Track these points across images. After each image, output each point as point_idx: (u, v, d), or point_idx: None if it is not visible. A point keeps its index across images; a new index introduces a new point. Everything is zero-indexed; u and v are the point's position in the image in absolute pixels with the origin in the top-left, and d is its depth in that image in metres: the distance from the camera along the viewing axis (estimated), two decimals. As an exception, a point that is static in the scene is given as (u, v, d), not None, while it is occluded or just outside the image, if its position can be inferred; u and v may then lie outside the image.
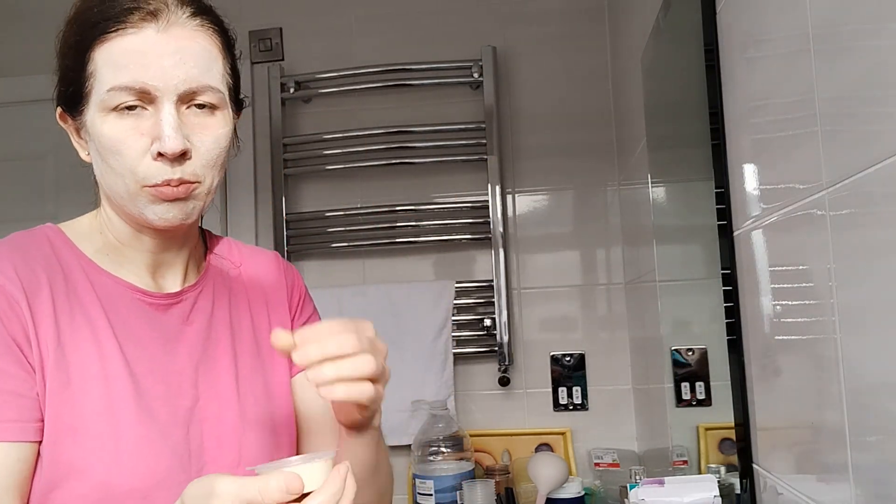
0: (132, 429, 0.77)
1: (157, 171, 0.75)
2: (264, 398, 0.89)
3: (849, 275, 0.66)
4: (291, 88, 2.14)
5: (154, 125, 0.75)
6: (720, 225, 1.02)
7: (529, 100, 2.13)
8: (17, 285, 0.76)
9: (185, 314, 0.86)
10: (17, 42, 2.26)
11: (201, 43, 0.78)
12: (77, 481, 0.74)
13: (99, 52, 0.76)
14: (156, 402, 0.80)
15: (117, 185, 0.78)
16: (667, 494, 0.88)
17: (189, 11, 0.78)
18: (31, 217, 2.04)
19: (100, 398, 0.77)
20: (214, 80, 0.78)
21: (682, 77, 1.23)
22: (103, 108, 0.75)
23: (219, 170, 0.80)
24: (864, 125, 0.62)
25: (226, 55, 0.81)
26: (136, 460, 0.76)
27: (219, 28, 0.81)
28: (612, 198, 2.08)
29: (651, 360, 1.69)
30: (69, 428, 0.75)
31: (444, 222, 2.09)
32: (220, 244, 0.96)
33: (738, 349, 1.00)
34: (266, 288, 0.95)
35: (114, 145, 0.75)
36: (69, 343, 0.78)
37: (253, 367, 0.89)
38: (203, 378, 0.85)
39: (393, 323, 2.02)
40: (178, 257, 0.87)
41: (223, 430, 0.84)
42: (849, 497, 0.69)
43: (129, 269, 0.85)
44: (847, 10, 0.64)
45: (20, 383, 0.74)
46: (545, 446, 2.02)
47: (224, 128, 0.80)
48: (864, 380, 0.65)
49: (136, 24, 0.75)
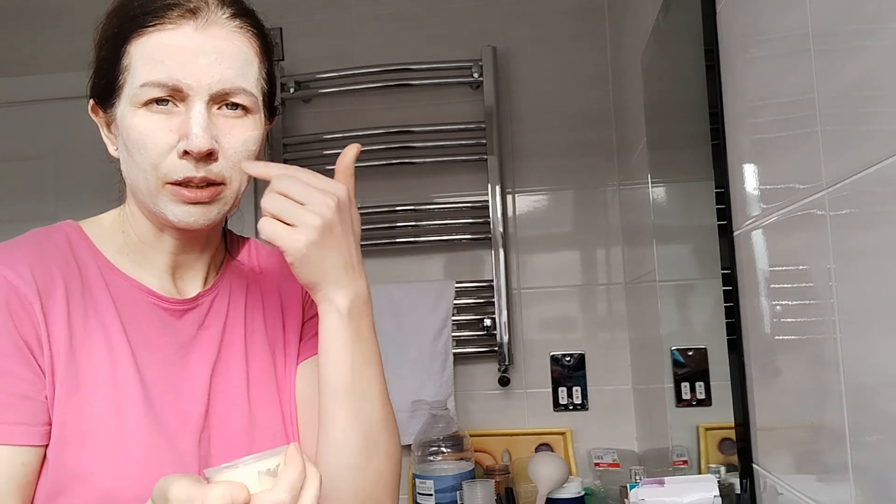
0: (139, 437, 0.76)
1: (180, 168, 0.75)
2: (274, 402, 0.87)
3: (849, 275, 0.66)
4: (291, 88, 2.14)
5: (183, 122, 0.74)
6: (720, 225, 1.02)
7: (529, 100, 2.13)
8: (32, 286, 0.75)
9: (200, 319, 0.85)
10: (17, 42, 2.27)
11: (238, 45, 0.77)
12: (82, 488, 0.74)
13: (135, 45, 0.75)
14: (165, 409, 0.79)
15: (139, 179, 0.77)
16: (667, 494, 0.88)
17: (229, 12, 0.77)
18: (31, 217, 2.04)
19: (108, 405, 0.76)
20: (248, 83, 0.77)
21: (682, 77, 1.23)
22: (134, 103, 0.75)
23: (247, 175, 0.80)
24: (864, 125, 0.62)
25: (262, 60, 0.80)
26: (143, 469, 0.75)
27: (258, 32, 0.80)
28: (612, 198, 2.08)
29: (651, 360, 1.69)
30: (76, 434, 0.74)
31: (445, 222, 2.09)
32: (241, 246, 0.95)
33: (738, 349, 1.00)
34: (282, 292, 0.94)
35: (140, 138, 0.75)
36: (81, 347, 0.77)
37: (264, 372, 0.88)
38: (215, 385, 0.83)
39: (393, 323, 2.02)
40: (200, 260, 0.86)
41: (232, 437, 0.83)
42: (849, 497, 0.69)
43: (149, 269, 0.84)
44: (847, 10, 0.64)
45: (29, 386, 0.73)
46: (545, 446, 2.02)
47: (254, 131, 0.79)
48: (864, 380, 0.65)
49: (174, 20, 0.74)
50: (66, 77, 2.15)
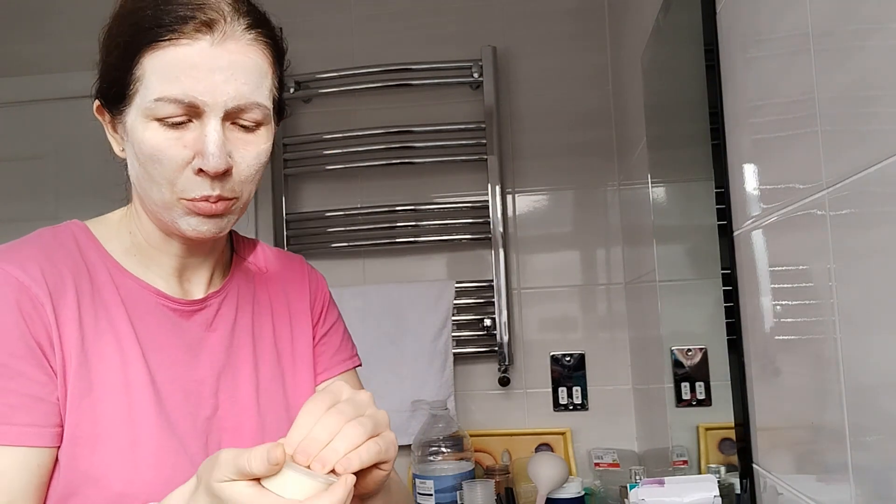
0: (151, 438, 0.77)
1: (196, 185, 0.75)
2: (283, 407, 0.88)
3: (849, 275, 0.66)
4: (291, 88, 2.14)
5: (198, 139, 0.74)
6: (720, 225, 1.02)
7: (529, 100, 2.13)
8: (43, 288, 0.75)
9: (208, 321, 0.85)
10: (18, 42, 2.27)
11: (254, 58, 0.76)
12: (94, 489, 0.74)
13: (149, 58, 0.73)
14: (176, 411, 0.79)
15: (153, 192, 0.76)
16: (667, 494, 0.88)
17: (245, 24, 0.76)
18: (31, 217, 2.04)
19: (120, 406, 0.76)
20: (262, 96, 0.77)
21: (681, 77, 1.23)
22: (147, 115, 0.74)
23: (255, 184, 0.80)
24: (864, 125, 0.62)
25: (275, 69, 0.80)
26: (154, 470, 0.76)
27: (272, 42, 0.79)
28: (612, 198, 2.08)
29: (651, 360, 1.69)
30: (88, 435, 0.74)
31: (445, 222, 2.09)
32: (248, 249, 0.95)
33: (738, 349, 1.00)
34: (290, 295, 0.94)
35: (155, 153, 0.74)
36: (92, 348, 0.77)
37: (273, 375, 0.88)
38: (224, 387, 0.84)
39: (393, 323, 2.02)
40: (206, 262, 0.87)
41: (242, 440, 0.83)
42: (849, 497, 0.69)
43: (156, 271, 0.84)
44: (847, 10, 0.64)
45: (41, 388, 0.73)
46: (545, 446, 2.02)
47: (266, 143, 0.79)
48: (864, 380, 0.65)
49: (189, 34, 0.73)
50: (66, 77, 2.15)
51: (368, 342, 1.88)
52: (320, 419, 0.64)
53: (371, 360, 1.00)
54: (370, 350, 1.34)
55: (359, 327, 1.97)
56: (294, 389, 0.90)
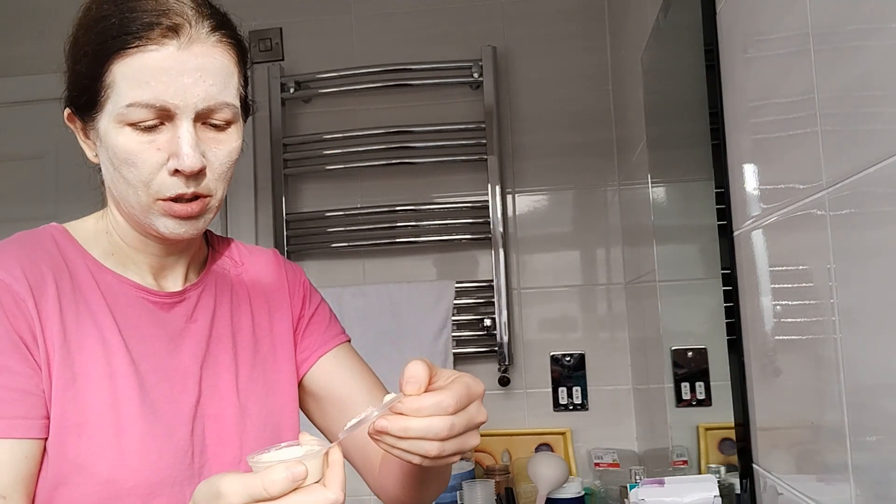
0: (136, 426, 0.78)
1: (171, 185, 0.77)
2: (265, 396, 0.90)
3: (849, 275, 0.66)
4: (291, 88, 2.14)
5: (171, 141, 0.76)
6: (720, 225, 1.02)
7: (529, 100, 2.13)
8: (24, 284, 0.77)
9: (188, 312, 0.87)
10: (18, 42, 2.27)
11: (220, 59, 0.78)
12: (82, 478, 0.75)
13: (119, 65, 0.75)
14: (160, 399, 0.81)
15: (129, 195, 0.78)
16: (667, 494, 0.88)
17: (209, 26, 0.77)
18: (31, 217, 2.04)
19: (105, 396, 0.78)
20: (230, 95, 0.79)
21: (681, 77, 1.23)
22: (120, 121, 0.76)
23: (228, 181, 0.82)
24: (864, 125, 0.62)
25: (240, 68, 0.82)
26: (141, 457, 0.78)
27: (236, 42, 0.81)
28: (612, 198, 2.08)
29: (651, 360, 1.69)
30: (74, 425, 0.76)
31: (444, 222, 2.09)
32: (223, 245, 0.97)
33: (738, 349, 1.00)
34: (267, 287, 0.96)
35: (129, 157, 0.76)
36: (75, 341, 0.78)
37: (253, 365, 0.90)
38: (206, 375, 0.86)
39: (393, 323, 2.02)
40: (181, 260, 0.89)
41: (224, 428, 0.85)
42: (849, 497, 0.69)
43: (133, 269, 0.86)
44: (847, 10, 0.64)
45: (27, 380, 0.75)
46: (545, 446, 2.02)
47: (237, 141, 0.81)
48: (864, 380, 0.65)
49: (157, 40, 0.74)
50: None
51: (368, 342, 1.88)
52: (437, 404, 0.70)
53: (371, 359, 1.01)
54: (370, 350, 1.34)
55: (359, 327, 1.97)
56: (275, 375, 0.92)
